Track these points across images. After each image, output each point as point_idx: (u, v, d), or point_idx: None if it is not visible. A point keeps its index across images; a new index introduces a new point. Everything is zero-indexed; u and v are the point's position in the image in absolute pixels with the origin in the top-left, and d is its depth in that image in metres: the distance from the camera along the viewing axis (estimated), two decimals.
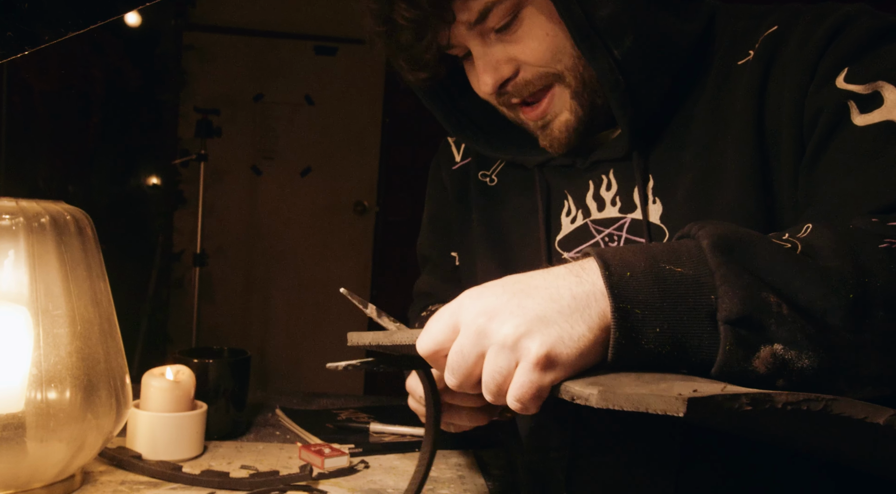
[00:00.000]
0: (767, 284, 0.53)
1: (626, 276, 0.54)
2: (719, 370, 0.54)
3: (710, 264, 0.54)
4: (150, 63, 3.59)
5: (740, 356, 0.53)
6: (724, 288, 0.53)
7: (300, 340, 3.82)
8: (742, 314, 0.52)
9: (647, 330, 0.53)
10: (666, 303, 0.53)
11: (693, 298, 0.53)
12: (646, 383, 0.50)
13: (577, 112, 0.80)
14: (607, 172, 0.84)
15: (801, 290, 0.54)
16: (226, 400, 1.06)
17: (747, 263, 0.54)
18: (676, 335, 0.54)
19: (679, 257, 0.55)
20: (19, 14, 0.85)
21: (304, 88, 3.77)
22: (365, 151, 3.81)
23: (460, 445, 1.09)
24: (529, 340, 0.52)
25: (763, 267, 0.54)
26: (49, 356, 0.76)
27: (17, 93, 2.90)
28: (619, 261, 0.55)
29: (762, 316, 0.52)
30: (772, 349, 0.53)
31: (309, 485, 0.87)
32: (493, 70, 0.79)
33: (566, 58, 0.77)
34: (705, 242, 0.55)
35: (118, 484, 0.86)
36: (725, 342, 0.53)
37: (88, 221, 0.83)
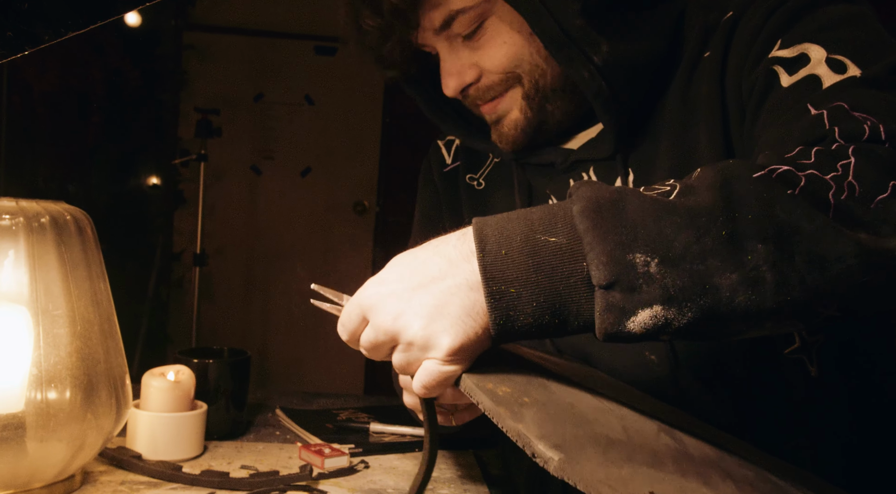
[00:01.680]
0: (636, 240, 0.53)
1: (500, 255, 0.55)
2: (599, 333, 0.54)
3: (579, 229, 0.54)
4: (150, 63, 3.59)
5: (613, 320, 0.53)
6: (591, 255, 0.53)
7: (300, 340, 3.82)
8: (610, 280, 0.52)
9: (523, 306, 0.55)
10: (541, 276, 0.54)
11: (567, 267, 0.54)
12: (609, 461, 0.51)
13: (526, 113, 0.83)
14: (587, 169, 0.85)
15: (673, 238, 0.53)
16: (226, 400, 1.06)
17: (615, 222, 0.54)
18: (555, 305, 0.55)
19: (554, 225, 0.55)
20: (19, 14, 0.85)
21: (304, 88, 3.77)
22: (365, 151, 3.81)
23: (460, 445, 1.09)
24: (436, 339, 0.56)
25: (632, 223, 0.53)
26: (49, 356, 0.76)
27: (17, 93, 2.90)
28: (496, 238, 0.56)
29: (630, 279, 0.52)
30: (651, 311, 0.52)
31: (309, 485, 0.87)
32: (457, 74, 0.83)
33: (525, 64, 0.80)
34: (575, 206, 0.55)
35: (118, 484, 0.86)
36: (597, 308, 0.53)
37: (88, 221, 0.83)
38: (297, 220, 3.79)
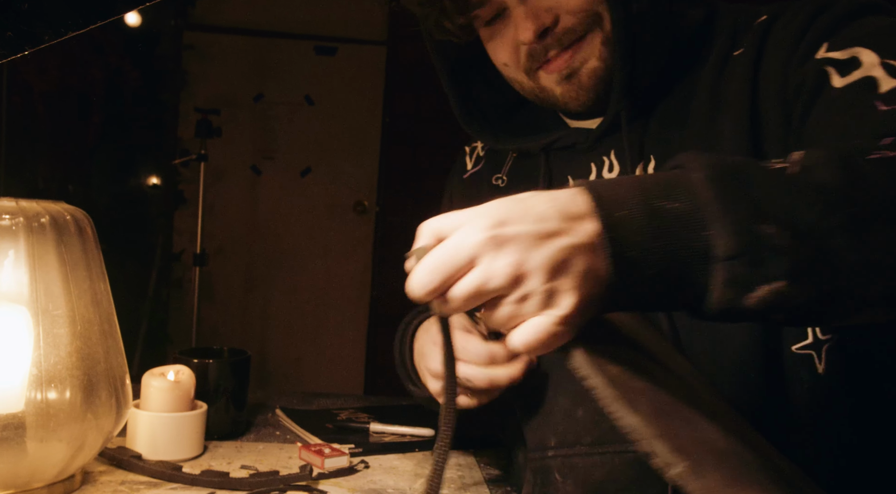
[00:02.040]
0: (766, 212, 0.51)
1: (619, 217, 0.52)
2: (713, 307, 0.52)
3: (704, 198, 0.52)
4: (150, 63, 3.59)
5: (733, 294, 0.51)
6: (716, 225, 0.51)
7: (300, 340, 3.82)
8: (736, 251, 0.50)
9: (643, 273, 0.52)
10: (660, 243, 0.51)
11: (688, 235, 0.52)
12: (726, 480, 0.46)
13: (605, 60, 0.81)
14: (608, 153, 0.85)
15: (802, 212, 0.51)
16: (226, 400, 1.06)
17: (742, 192, 0.52)
18: (671, 275, 0.52)
19: (673, 192, 0.53)
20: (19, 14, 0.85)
21: (304, 88, 3.77)
22: (365, 151, 3.81)
23: (460, 445, 1.09)
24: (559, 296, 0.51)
25: (760, 195, 0.52)
26: (49, 356, 0.76)
27: (17, 93, 2.90)
28: (612, 199, 0.53)
29: (759, 251, 0.50)
30: (770, 288, 0.51)
31: (309, 485, 0.87)
32: (534, 17, 0.80)
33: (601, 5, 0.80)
34: (696, 175, 0.53)
35: (118, 484, 0.86)
36: (718, 280, 0.51)
37: (88, 221, 0.83)
38: (297, 220, 3.79)
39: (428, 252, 0.54)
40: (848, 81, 0.69)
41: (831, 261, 0.51)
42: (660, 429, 0.47)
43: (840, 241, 0.51)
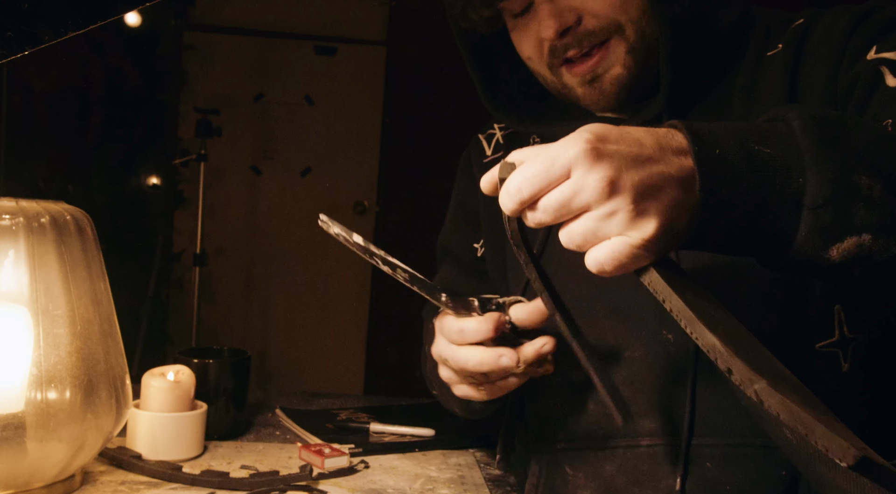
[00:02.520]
0: (861, 162, 0.51)
1: (714, 154, 0.52)
2: (794, 255, 0.53)
3: (801, 145, 0.52)
4: (150, 63, 3.59)
5: (818, 243, 0.51)
6: (812, 171, 0.51)
7: (300, 340, 3.82)
8: (829, 198, 0.51)
9: (731, 212, 0.52)
10: (752, 184, 0.52)
11: (781, 180, 0.52)
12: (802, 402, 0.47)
13: (630, 68, 0.81)
14: None
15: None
16: (226, 400, 1.06)
17: (840, 143, 0.52)
18: (758, 218, 0.52)
19: (769, 138, 0.53)
20: (19, 14, 0.85)
21: (304, 88, 3.77)
22: (365, 151, 3.81)
23: (460, 445, 1.09)
24: (646, 221, 0.51)
25: (858, 146, 0.52)
26: (49, 356, 0.76)
27: (17, 93, 2.90)
28: (708, 137, 0.53)
29: (850, 201, 0.51)
30: (858, 239, 0.51)
31: (309, 485, 0.87)
32: (557, 15, 0.80)
33: (632, 9, 0.79)
34: (797, 123, 0.53)
35: (118, 484, 0.86)
36: (805, 228, 0.52)
37: (88, 221, 0.83)
38: (297, 220, 3.79)
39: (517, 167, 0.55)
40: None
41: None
42: (738, 350, 0.48)
43: None
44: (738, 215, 0.52)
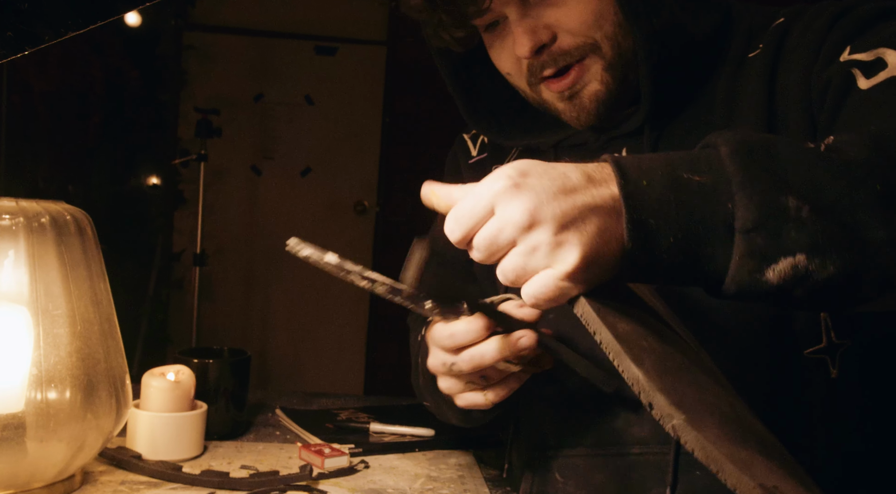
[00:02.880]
0: (789, 185, 0.52)
1: (642, 185, 0.53)
2: (731, 281, 0.53)
3: (728, 170, 0.53)
4: (150, 63, 3.59)
5: (752, 267, 0.52)
6: (740, 195, 0.52)
7: (300, 340, 3.82)
8: (758, 221, 0.51)
9: (660, 241, 0.53)
10: (682, 212, 0.52)
11: (710, 206, 0.52)
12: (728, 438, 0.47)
13: (608, 84, 0.80)
14: (620, 151, 0.84)
15: (826, 186, 0.52)
16: (226, 400, 1.06)
17: (767, 165, 0.53)
18: (691, 246, 0.53)
19: (698, 165, 0.54)
20: (19, 14, 0.85)
21: (304, 88, 3.77)
22: (365, 151, 3.81)
23: (460, 445, 1.09)
24: (567, 252, 0.52)
25: (784, 167, 0.53)
26: (49, 356, 0.76)
27: (17, 93, 2.90)
28: (636, 169, 0.54)
29: (780, 223, 0.51)
30: (793, 260, 0.51)
31: (309, 485, 0.87)
32: (531, 33, 0.79)
33: (607, 25, 0.78)
34: (724, 148, 0.54)
35: (118, 484, 0.86)
36: (737, 252, 0.52)
37: (88, 221, 0.83)
38: (297, 220, 3.79)
39: None
40: (874, 82, 0.68)
41: (854, 237, 0.51)
42: (662, 384, 0.48)
43: (864, 217, 0.51)
44: (669, 244, 0.53)
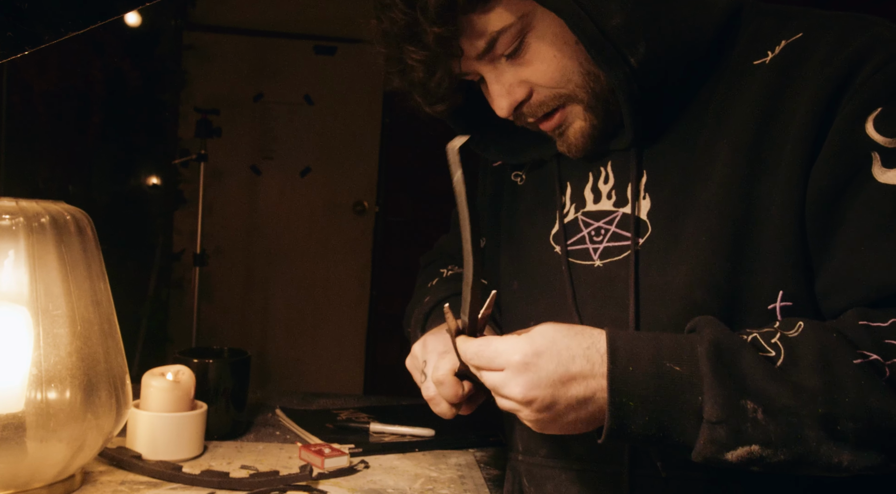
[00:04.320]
0: (748, 391, 0.62)
1: (628, 370, 0.64)
2: (697, 455, 0.64)
3: (702, 369, 0.63)
4: (150, 63, 3.58)
5: (715, 449, 0.63)
6: (709, 394, 0.62)
7: (300, 340, 3.82)
8: (721, 418, 0.62)
9: (637, 418, 0.64)
10: (659, 397, 0.64)
11: (684, 396, 0.63)
12: None
13: (591, 121, 0.81)
14: (606, 164, 0.85)
15: (777, 399, 0.62)
16: (226, 400, 1.06)
17: (732, 371, 0.63)
18: (663, 424, 0.64)
19: (681, 357, 0.65)
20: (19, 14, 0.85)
21: (304, 88, 3.77)
22: (365, 151, 3.81)
23: (460, 445, 1.09)
24: (547, 429, 0.69)
25: (744, 375, 0.63)
26: (49, 356, 0.76)
27: (17, 93, 2.90)
28: (626, 353, 0.65)
29: (739, 421, 0.62)
30: (749, 449, 0.62)
31: (309, 485, 0.87)
32: (507, 94, 0.80)
33: (575, 76, 0.78)
34: (700, 347, 0.64)
35: (118, 484, 0.86)
36: (703, 437, 0.63)
37: (88, 221, 0.83)
38: (296, 220, 3.79)
39: None
40: (888, 181, 0.68)
41: (800, 439, 0.62)
42: None
43: (809, 431, 0.62)
44: (644, 421, 0.64)
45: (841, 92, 0.70)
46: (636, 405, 0.64)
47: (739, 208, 0.74)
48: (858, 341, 0.64)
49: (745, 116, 0.75)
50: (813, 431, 0.62)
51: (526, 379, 0.67)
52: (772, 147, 0.73)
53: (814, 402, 0.62)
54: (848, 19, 0.74)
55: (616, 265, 0.81)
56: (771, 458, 0.63)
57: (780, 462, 0.63)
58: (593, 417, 0.67)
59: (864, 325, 0.66)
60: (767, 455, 0.63)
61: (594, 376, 0.66)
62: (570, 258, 0.85)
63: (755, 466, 0.64)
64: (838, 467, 0.63)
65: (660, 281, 0.77)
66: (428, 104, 0.86)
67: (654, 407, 0.64)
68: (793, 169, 0.71)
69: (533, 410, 0.67)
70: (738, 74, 0.78)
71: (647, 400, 0.64)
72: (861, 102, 0.69)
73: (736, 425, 0.62)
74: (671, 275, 0.76)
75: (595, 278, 0.83)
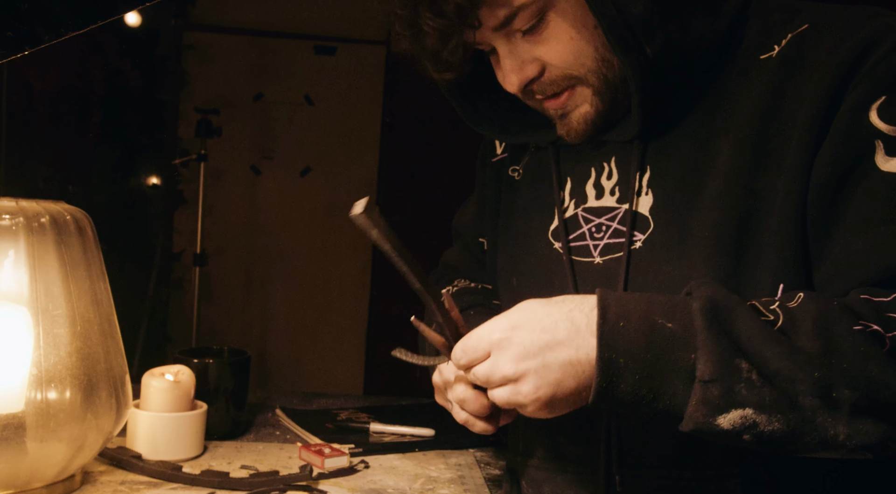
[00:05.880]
0: (743, 350, 0.60)
1: (618, 326, 0.62)
2: (688, 420, 0.61)
3: (696, 325, 0.61)
4: (150, 63, 3.58)
5: (707, 412, 0.60)
6: (702, 350, 0.60)
7: (300, 340, 3.82)
8: (714, 377, 0.59)
9: (627, 376, 0.62)
10: (650, 355, 0.61)
11: (676, 353, 0.61)
12: None
13: (597, 106, 0.80)
14: (609, 159, 0.84)
15: (771, 361, 0.60)
16: (226, 400, 1.06)
17: (728, 328, 0.61)
18: (654, 384, 0.62)
19: (674, 313, 0.62)
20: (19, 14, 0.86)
21: (304, 87, 3.77)
22: (365, 151, 3.81)
23: (460, 445, 1.09)
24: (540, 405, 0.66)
25: (740, 334, 0.60)
26: (49, 356, 0.76)
27: (17, 93, 2.90)
28: (617, 309, 0.63)
29: (733, 380, 0.59)
30: (742, 413, 0.60)
31: (309, 485, 0.87)
32: (518, 70, 0.80)
33: (588, 60, 0.78)
34: (696, 304, 0.62)
35: (118, 484, 0.86)
36: (695, 398, 0.60)
37: (88, 221, 0.83)
38: (296, 220, 3.79)
39: None
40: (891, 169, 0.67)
41: (795, 405, 0.60)
42: None
43: (804, 396, 0.59)
44: (634, 380, 0.62)
45: (847, 80, 0.69)
46: (626, 362, 0.62)
47: (743, 202, 0.73)
48: (860, 311, 0.62)
49: (751, 110, 0.74)
50: (809, 398, 0.59)
51: (512, 353, 0.65)
52: (778, 139, 0.73)
53: (810, 365, 0.59)
54: (856, 10, 0.73)
55: (616, 262, 0.80)
56: (765, 425, 0.60)
57: (773, 431, 0.60)
58: (590, 381, 0.64)
59: (867, 298, 0.64)
60: (761, 422, 0.60)
61: (582, 336, 0.64)
62: (571, 255, 0.85)
63: (748, 435, 0.61)
64: (834, 441, 0.60)
65: (662, 277, 0.76)
66: (437, 71, 0.84)
67: (644, 365, 0.61)
68: (798, 160, 0.71)
69: (530, 383, 0.65)
70: (745, 69, 0.77)
71: (638, 357, 0.61)
72: (865, 91, 0.68)
73: (729, 384, 0.59)
74: (673, 271, 0.75)
75: (595, 276, 0.82)
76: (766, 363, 0.60)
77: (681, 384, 0.61)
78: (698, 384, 0.60)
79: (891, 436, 0.61)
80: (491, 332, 0.67)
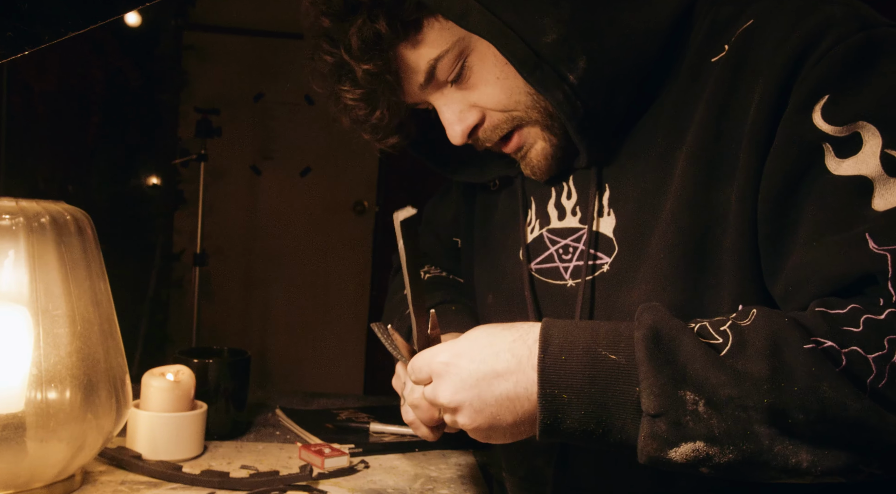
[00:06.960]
0: (688, 380, 0.57)
1: (560, 360, 0.60)
2: (641, 454, 0.58)
3: (637, 356, 0.58)
4: (150, 63, 3.58)
5: (657, 447, 0.57)
6: (645, 383, 0.57)
7: (300, 340, 3.82)
8: (659, 411, 0.56)
9: (572, 412, 0.59)
10: (594, 388, 0.59)
11: (620, 386, 0.58)
12: None
13: (551, 140, 0.78)
14: (568, 179, 0.82)
15: (719, 389, 0.56)
16: (226, 400, 1.06)
17: (672, 357, 0.57)
18: (601, 418, 0.59)
19: (618, 344, 0.60)
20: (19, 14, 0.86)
21: (304, 88, 3.74)
22: (365, 151, 3.73)
23: (460, 445, 1.09)
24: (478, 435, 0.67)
25: (686, 363, 0.57)
26: (49, 356, 0.76)
27: (17, 93, 2.90)
28: (560, 341, 0.61)
29: (678, 414, 0.56)
30: (693, 446, 0.57)
31: (309, 485, 0.87)
32: (459, 120, 0.78)
33: (522, 96, 0.74)
34: (637, 332, 0.59)
35: (118, 484, 0.86)
36: (643, 432, 0.58)
37: (88, 221, 0.83)
38: (296, 220, 3.79)
39: None
40: (844, 172, 0.62)
41: (750, 434, 0.56)
42: None
43: (758, 426, 0.56)
44: (580, 415, 0.59)
45: (790, 81, 0.64)
46: (570, 398, 0.59)
47: (698, 221, 0.69)
48: (813, 327, 0.58)
49: (703, 120, 0.70)
50: (762, 426, 0.55)
51: (449, 383, 0.64)
52: (728, 149, 0.68)
53: (758, 391, 0.55)
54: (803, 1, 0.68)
55: (587, 286, 0.78)
56: (719, 457, 0.57)
57: (729, 462, 0.57)
58: (533, 416, 0.62)
59: (822, 312, 0.60)
60: (714, 454, 0.56)
61: (522, 370, 0.62)
62: (542, 277, 0.82)
63: (705, 467, 0.58)
64: (798, 469, 0.56)
65: (628, 302, 0.73)
66: (377, 140, 0.84)
67: (590, 400, 0.59)
68: (748, 171, 0.66)
69: (466, 416, 0.64)
70: (695, 74, 0.72)
71: (582, 392, 0.59)
72: (808, 92, 0.63)
73: (675, 418, 0.56)
74: (639, 295, 0.72)
75: (566, 299, 0.80)
76: (713, 391, 0.56)
77: (629, 418, 0.59)
78: (645, 417, 0.57)
79: (859, 459, 0.56)
80: (434, 357, 0.67)
